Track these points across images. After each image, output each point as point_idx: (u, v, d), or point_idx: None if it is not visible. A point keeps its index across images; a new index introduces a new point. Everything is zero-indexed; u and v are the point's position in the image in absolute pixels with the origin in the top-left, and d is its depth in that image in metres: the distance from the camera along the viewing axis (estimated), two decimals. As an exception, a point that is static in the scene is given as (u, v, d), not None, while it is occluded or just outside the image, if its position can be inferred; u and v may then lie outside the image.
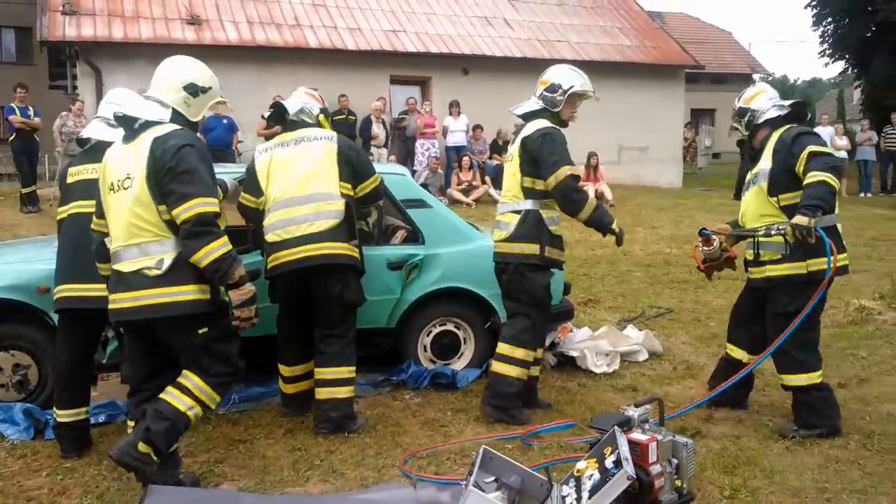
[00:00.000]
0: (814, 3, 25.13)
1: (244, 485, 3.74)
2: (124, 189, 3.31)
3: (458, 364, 5.36)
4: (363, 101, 15.26)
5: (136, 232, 3.30)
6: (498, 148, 15.92)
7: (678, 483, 3.37)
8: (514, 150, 4.59)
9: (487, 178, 15.04)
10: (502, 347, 4.55)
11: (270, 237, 4.27)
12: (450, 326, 5.35)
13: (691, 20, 32.06)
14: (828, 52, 25.87)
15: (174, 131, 3.32)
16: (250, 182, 4.45)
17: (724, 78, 29.40)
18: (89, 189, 3.80)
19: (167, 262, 3.26)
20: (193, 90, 3.44)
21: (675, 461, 3.39)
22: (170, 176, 3.19)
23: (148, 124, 3.35)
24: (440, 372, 5.16)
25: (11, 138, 12.80)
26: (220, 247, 3.18)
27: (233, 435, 4.35)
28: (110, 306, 3.42)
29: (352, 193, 4.36)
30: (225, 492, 3.66)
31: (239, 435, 4.35)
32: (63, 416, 4.01)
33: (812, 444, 4.18)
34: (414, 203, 5.29)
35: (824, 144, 4.27)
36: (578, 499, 3.12)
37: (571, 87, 4.60)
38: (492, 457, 3.43)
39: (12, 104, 12.65)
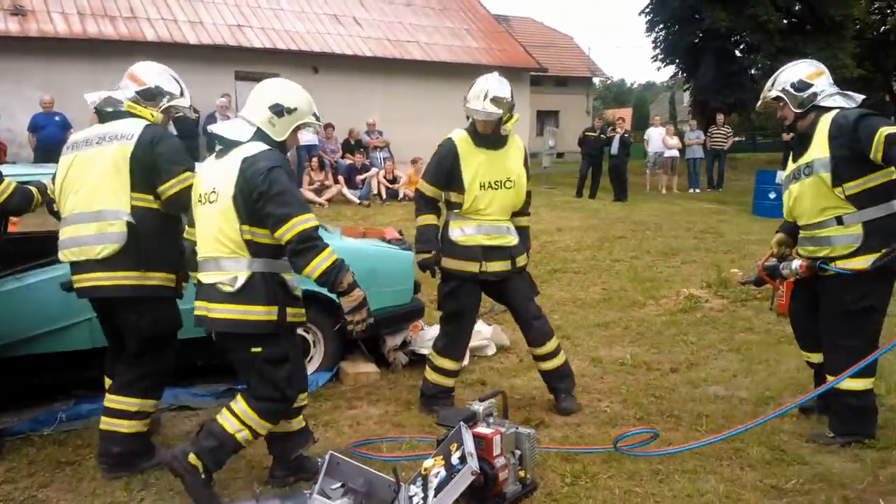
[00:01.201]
0: (647, 10, 26.71)
1: (71, 510, 3.49)
2: (210, 203, 3.34)
3: (308, 368, 5.23)
4: (207, 98, 14.66)
5: (216, 246, 3.34)
6: (350, 147, 15.81)
7: (522, 474, 3.45)
8: None
9: (340, 178, 14.90)
10: None
11: (62, 255, 3.81)
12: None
13: (536, 24, 33.20)
14: (660, 57, 27.58)
15: (263, 153, 3.30)
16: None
17: (566, 81, 30.66)
18: None
19: (240, 281, 3.29)
20: (278, 110, 3.43)
21: (518, 452, 3.46)
22: (264, 200, 3.20)
23: (236, 143, 3.37)
24: (288, 377, 5.02)
25: None
26: (324, 259, 3.22)
27: (59, 456, 4.05)
28: (195, 312, 3.45)
29: (156, 205, 3.76)
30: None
31: (66, 456, 4.05)
32: None
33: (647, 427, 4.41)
34: None
35: (888, 121, 3.81)
36: (425, 497, 3.13)
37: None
38: (338, 462, 3.38)
39: None
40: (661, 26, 26.87)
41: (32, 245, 5.05)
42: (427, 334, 5.86)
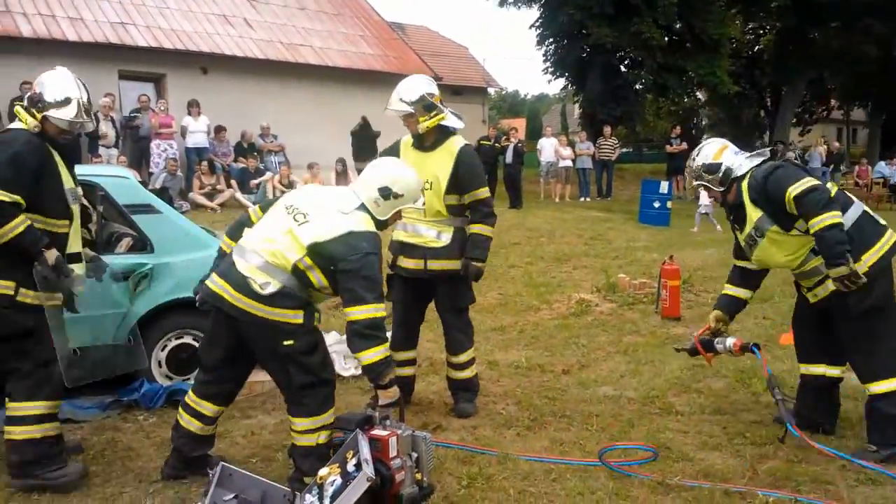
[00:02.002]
0: (537, 24, 27.37)
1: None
2: (295, 220, 3.50)
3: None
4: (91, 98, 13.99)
5: (269, 249, 3.47)
6: (242, 150, 15.42)
7: (419, 476, 3.47)
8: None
9: (233, 182, 14.52)
10: None
11: None
12: (187, 339, 5.06)
13: (431, 34, 33.42)
14: (550, 69, 28.27)
15: (369, 235, 3.50)
16: None
17: (462, 90, 31.03)
18: None
19: (271, 288, 3.41)
20: (386, 194, 3.63)
21: (415, 455, 3.48)
22: (350, 275, 3.39)
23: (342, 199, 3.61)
24: (178, 388, 4.85)
25: None
26: (380, 352, 3.42)
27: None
28: (211, 287, 3.54)
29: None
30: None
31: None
32: None
33: (539, 428, 4.52)
34: (140, 208, 4.92)
35: (794, 172, 4.06)
36: (321, 506, 3.09)
37: None
38: (231, 473, 3.29)
39: None
40: (551, 40, 27.53)
41: None
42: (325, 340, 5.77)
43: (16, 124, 3.72)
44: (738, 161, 4.22)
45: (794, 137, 32.30)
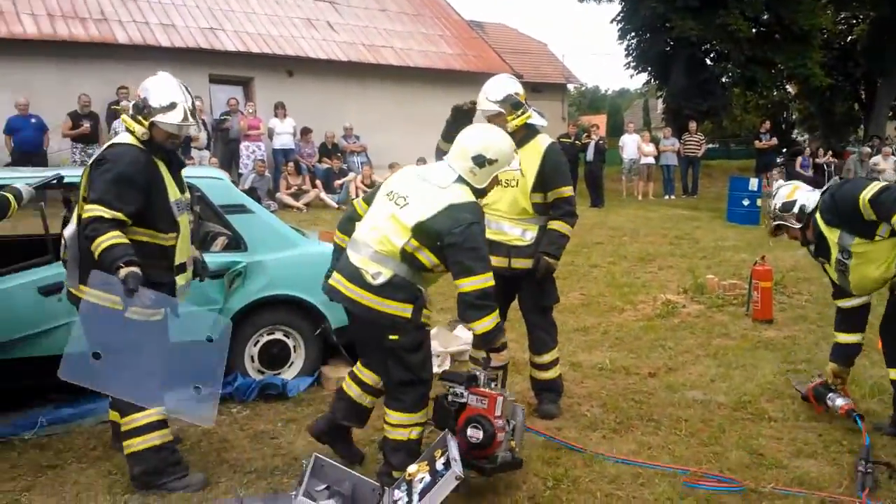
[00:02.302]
0: (619, 18, 26.96)
1: (54, 515, 3.44)
2: (396, 204, 3.55)
3: (289, 373, 5.23)
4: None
5: (377, 238, 3.53)
6: (327, 151, 15.75)
7: (512, 444, 3.57)
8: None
9: (318, 182, 14.85)
10: None
11: None
12: (278, 335, 5.21)
13: (509, 31, 33.29)
14: (632, 64, 27.81)
15: (469, 205, 3.51)
16: None
17: (542, 87, 30.82)
18: None
19: (382, 278, 3.48)
20: (480, 161, 3.59)
21: (512, 423, 3.58)
22: (456, 248, 3.40)
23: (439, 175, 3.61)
24: (270, 383, 5.00)
25: None
26: (491, 320, 3.46)
27: (41, 460, 4.00)
28: (329, 282, 3.67)
29: None
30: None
31: (48, 460, 4.00)
32: None
33: (626, 431, 4.46)
34: (234, 208, 5.08)
35: (860, 181, 4.22)
36: (409, 502, 3.13)
37: None
38: (323, 465, 3.37)
39: None
40: (633, 34, 27.10)
41: (8, 249, 4.98)
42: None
43: (123, 136, 3.77)
44: (812, 197, 4.37)
45: (891, 132, 30.77)
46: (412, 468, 3.32)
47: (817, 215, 4.28)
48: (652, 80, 29.26)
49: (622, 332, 6.74)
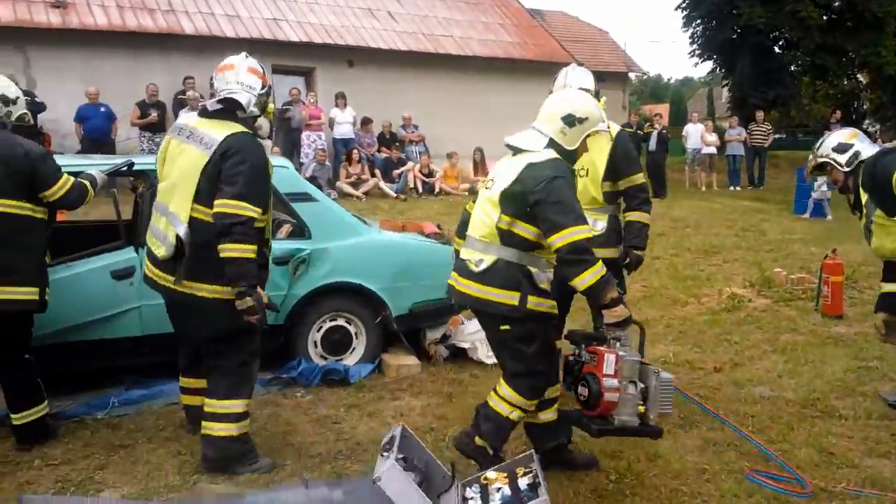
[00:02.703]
0: (683, 5, 26.39)
1: (127, 491, 3.56)
2: (486, 189, 3.55)
3: (351, 359, 5.29)
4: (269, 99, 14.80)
5: (475, 225, 3.55)
6: (386, 141, 15.85)
7: (642, 409, 3.41)
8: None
9: (377, 172, 14.96)
10: None
11: (147, 239, 3.88)
12: (340, 322, 5.27)
13: (570, 19, 32.92)
14: (697, 52, 27.22)
15: (550, 161, 3.40)
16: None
17: (602, 76, 30.38)
18: None
19: (484, 264, 3.43)
20: (570, 121, 3.50)
21: (641, 385, 3.41)
22: (541, 206, 3.29)
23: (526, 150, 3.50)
24: (332, 368, 5.07)
25: None
26: (592, 274, 3.26)
27: (113, 440, 4.13)
28: (449, 281, 3.68)
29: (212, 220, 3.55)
30: (105, 500, 3.45)
31: (120, 440, 4.13)
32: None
33: (691, 427, 4.38)
34: (299, 196, 5.16)
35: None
36: (485, 508, 3.10)
37: None
38: (406, 436, 3.37)
39: None
40: (698, 21, 26.53)
41: (82, 234, 5.15)
42: (467, 328, 5.85)
43: (232, 126, 3.62)
44: (868, 150, 4.32)
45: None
46: (490, 474, 3.29)
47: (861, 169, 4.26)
48: (717, 69, 28.59)
49: (686, 325, 6.61)
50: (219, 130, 3.61)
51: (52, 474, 3.73)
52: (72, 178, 4.03)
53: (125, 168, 4.63)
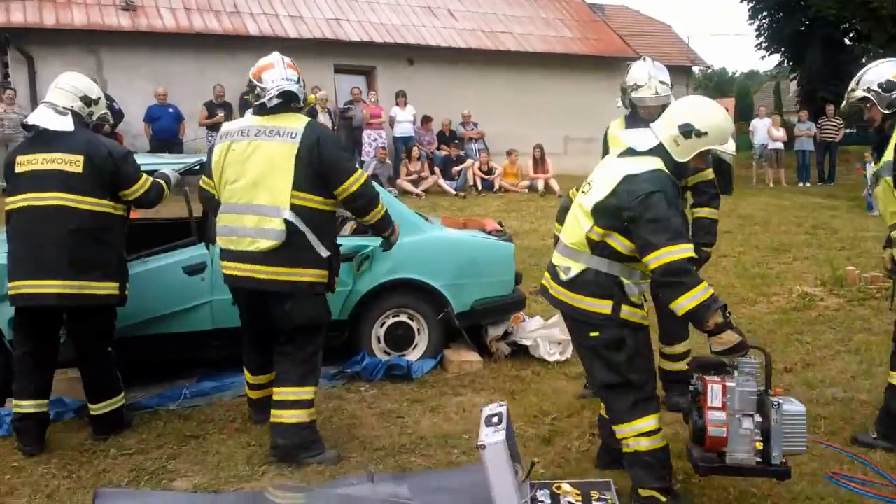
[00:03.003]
0: (750, -3, 25.78)
1: (198, 481, 3.66)
2: (582, 192, 3.37)
3: (413, 355, 5.33)
4: (307, 91, 15.05)
5: (566, 230, 3.41)
6: (445, 139, 15.90)
7: (758, 445, 3.07)
8: None
9: (437, 169, 15.02)
10: None
11: (219, 241, 3.94)
12: (403, 318, 5.31)
13: (631, 13, 32.40)
14: (764, 45, 26.54)
15: (648, 174, 3.14)
16: (208, 166, 4.04)
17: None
18: (41, 181, 3.84)
19: (573, 273, 3.28)
20: (687, 130, 3.19)
21: (758, 419, 3.08)
22: (636, 223, 3.08)
23: (632, 151, 3.26)
24: (395, 363, 5.12)
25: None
26: (690, 299, 3.01)
27: (184, 431, 4.25)
28: (542, 281, 3.54)
29: (317, 205, 3.78)
30: (177, 494, 3.55)
31: (191, 430, 4.25)
32: (25, 406, 3.92)
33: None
34: None
35: None
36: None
37: None
38: (508, 419, 3.33)
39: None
40: (765, 13, 25.85)
41: (155, 231, 5.31)
42: (528, 325, 5.84)
43: (299, 117, 3.88)
44: None
45: None
46: (565, 486, 3.28)
47: None
48: (785, 62, 27.79)
49: (754, 324, 6.45)
50: (291, 122, 3.81)
51: (126, 463, 3.86)
52: (150, 178, 4.19)
53: (197, 167, 4.77)
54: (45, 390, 4.02)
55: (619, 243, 3.18)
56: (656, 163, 3.18)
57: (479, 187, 15.09)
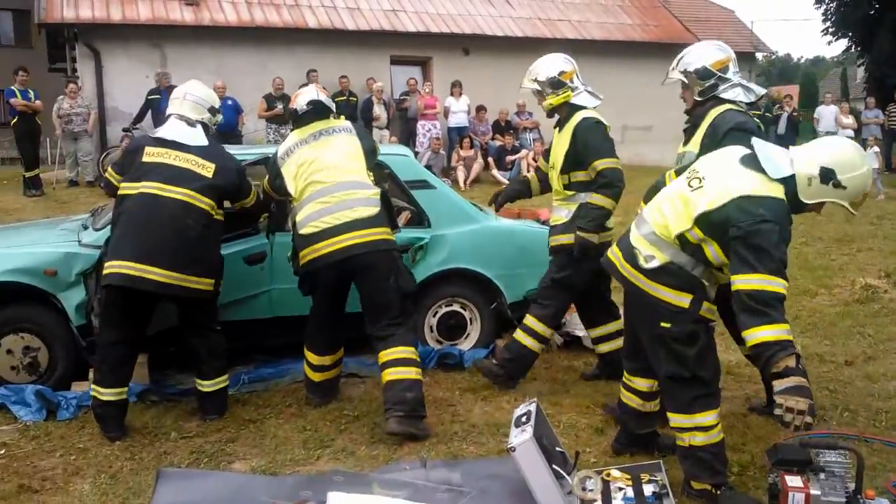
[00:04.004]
0: (816, -20, 24.98)
1: (256, 464, 3.77)
2: (689, 186, 3.22)
3: (465, 344, 5.38)
4: (364, 82, 15.23)
5: (657, 218, 3.28)
6: (500, 129, 15.85)
7: None
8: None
9: (490, 159, 15.00)
10: None
11: (306, 230, 4.11)
12: (456, 307, 5.36)
13: (693, -2, 31.82)
14: (830, 30, 25.73)
15: (769, 201, 3.00)
16: (277, 181, 4.35)
17: (727, 56, 29.20)
18: (172, 175, 4.05)
19: (654, 263, 3.22)
20: (827, 176, 3.03)
21: None
22: (738, 241, 2.98)
23: (758, 165, 3.11)
24: (447, 352, 5.17)
25: (13, 122, 12.76)
26: (770, 332, 2.88)
27: (243, 415, 4.38)
28: (608, 254, 3.53)
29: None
30: (236, 475, 3.67)
31: (249, 415, 4.37)
32: (107, 394, 4.02)
33: (819, 420, 4.19)
34: (418, 184, 5.27)
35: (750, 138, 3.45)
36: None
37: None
38: (539, 413, 3.39)
39: (13, 87, 12.60)
40: (832, -3, 25.06)
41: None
42: (582, 316, 5.81)
43: (329, 122, 4.41)
44: (733, 81, 3.79)
45: None
46: (614, 472, 3.29)
47: (714, 114, 3.74)
48: (853, 47, 26.85)
49: (815, 317, 6.31)
50: (337, 122, 4.45)
51: (186, 446, 3.99)
52: (255, 188, 4.55)
53: (263, 160, 4.94)
54: (126, 380, 4.12)
55: (713, 253, 3.11)
56: (780, 191, 3.04)
57: (534, 177, 14.99)
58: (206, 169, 4.14)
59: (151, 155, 4.11)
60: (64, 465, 3.77)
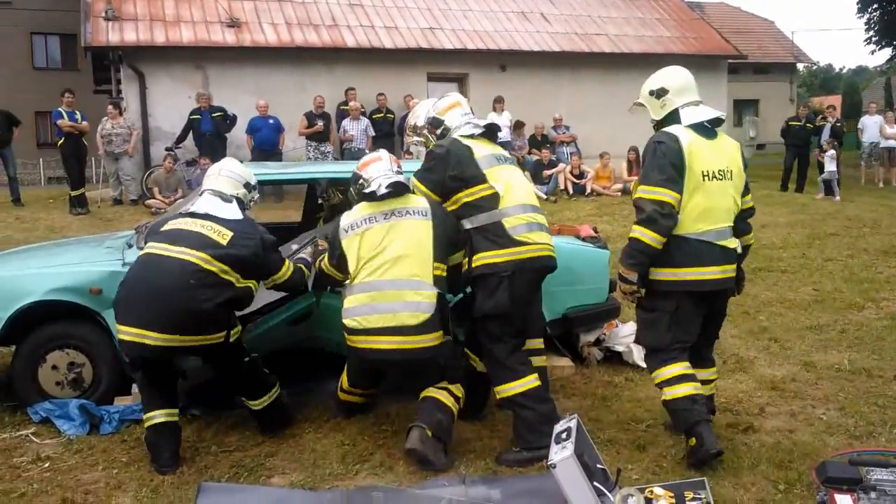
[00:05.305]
0: (859, -11, 24.55)
1: (295, 478, 3.79)
2: (718, 179, 3.87)
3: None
4: (401, 99, 15.35)
5: (727, 215, 3.89)
6: (536, 143, 15.84)
7: None
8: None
9: (527, 173, 14.97)
10: None
11: (348, 322, 3.96)
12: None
13: (731, 9, 31.47)
14: (874, 39, 25.23)
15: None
16: (338, 259, 4.09)
17: (768, 68, 28.79)
18: (178, 236, 3.95)
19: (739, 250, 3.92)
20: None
21: None
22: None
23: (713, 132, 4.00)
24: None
25: (60, 142, 13.16)
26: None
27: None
28: (711, 277, 3.83)
29: (443, 272, 4.02)
30: (276, 489, 3.69)
31: (288, 429, 4.38)
32: (159, 416, 3.96)
33: (868, 437, 4.09)
34: None
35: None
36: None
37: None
38: (580, 429, 3.36)
39: (60, 109, 12.99)
40: (875, 6, 24.54)
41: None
42: (622, 331, 5.74)
43: (416, 196, 4.13)
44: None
45: None
46: (657, 490, 3.25)
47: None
48: (897, 56, 26.33)
49: (862, 331, 6.15)
50: (415, 202, 4.07)
51: (226, 460, 4.02)
52: (292, 265, 4.25)
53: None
54: (175, 400, 4.07)
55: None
56: None
57: (571, 191, 14.95)
58: (222, 236, 3.94)
59: (170, 225, 4.07)
60: (106, 479, 3.82)
